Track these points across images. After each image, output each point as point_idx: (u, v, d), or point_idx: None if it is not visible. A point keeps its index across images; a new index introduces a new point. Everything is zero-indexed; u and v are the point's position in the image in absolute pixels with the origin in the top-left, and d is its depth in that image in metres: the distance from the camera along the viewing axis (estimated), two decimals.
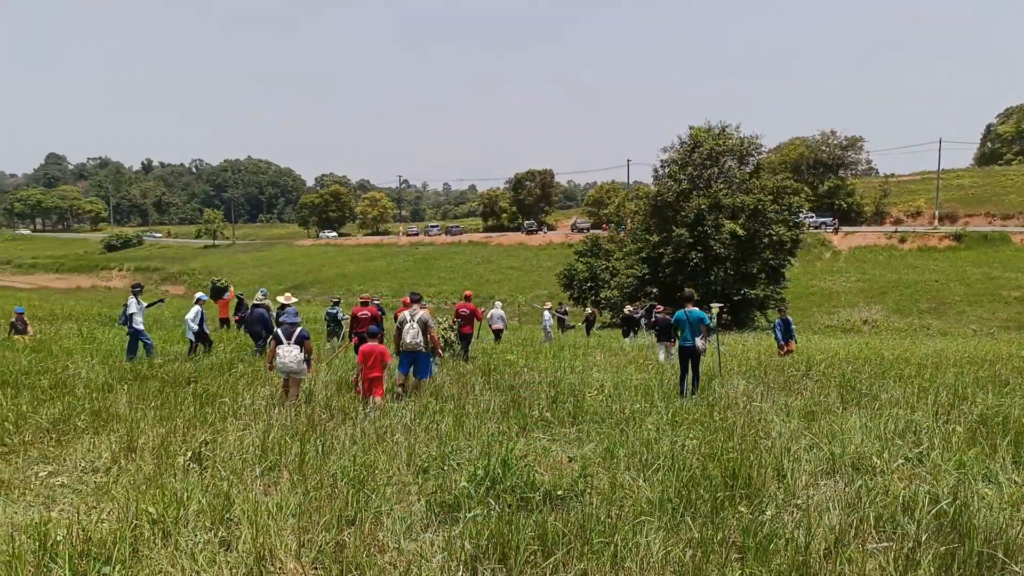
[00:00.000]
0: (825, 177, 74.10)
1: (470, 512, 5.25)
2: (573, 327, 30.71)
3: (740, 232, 35.21)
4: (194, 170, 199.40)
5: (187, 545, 4.57)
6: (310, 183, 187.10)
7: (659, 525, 5.10)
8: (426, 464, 6.67)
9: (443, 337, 15.02)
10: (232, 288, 16.83)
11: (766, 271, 36.98)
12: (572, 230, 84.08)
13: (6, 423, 7.61)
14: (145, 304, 14.41)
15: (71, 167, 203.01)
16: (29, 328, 17.58)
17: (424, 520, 5.33)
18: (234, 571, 4.21)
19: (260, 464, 6.44)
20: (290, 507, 5.23)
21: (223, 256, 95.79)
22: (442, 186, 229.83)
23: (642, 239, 39.67)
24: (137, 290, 14.18)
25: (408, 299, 11.19)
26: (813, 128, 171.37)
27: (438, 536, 5.00)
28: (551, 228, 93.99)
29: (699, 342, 10.97)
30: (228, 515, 5.11)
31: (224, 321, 21.58)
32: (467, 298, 16.58)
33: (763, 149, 40.30)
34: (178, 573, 4.16)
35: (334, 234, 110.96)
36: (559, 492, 5.86)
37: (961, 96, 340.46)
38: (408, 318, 10.40)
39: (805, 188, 43.46)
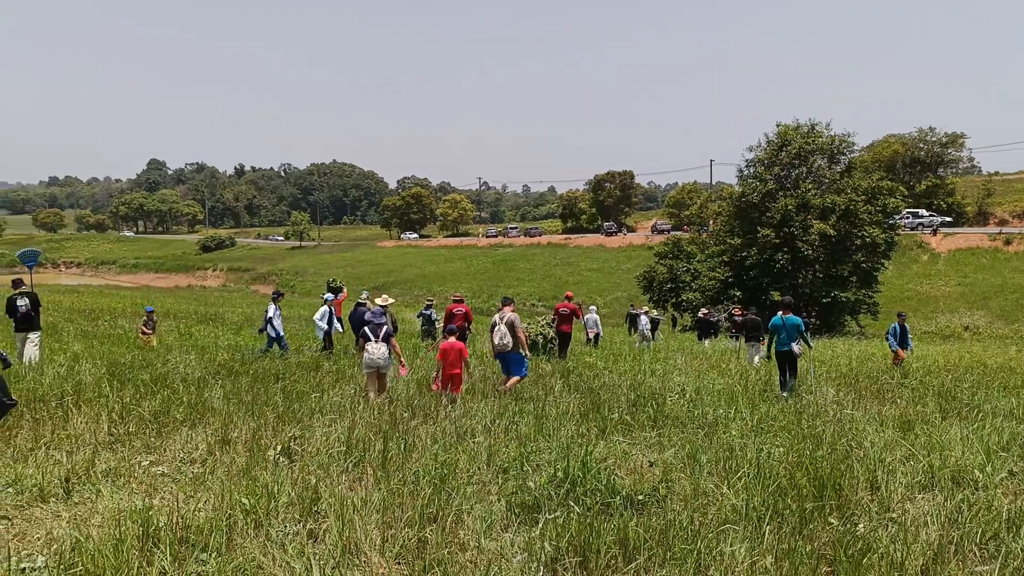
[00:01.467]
0: (923, 176, 70.42)
1: (550, 513, 5.24)
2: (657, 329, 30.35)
3: (830, 233, 33.90)
4: (283, 174, 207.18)
5: (278, 536, 4.73)
6: (392, 186, 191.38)
7: (744, 534, 4.96)
8: (506, 464, 6.70)
9: (542, 334, 15.78)
10: (346, 288, 17.49)
11: (858, 274, 35.46)
12: (652, 232, 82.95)
13: (112, 414, 8.07)
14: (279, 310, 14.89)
15: (170, 172, 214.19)
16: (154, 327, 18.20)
17: (504, 520, 5.35)
18: (322, 563, 4.33)
19: (345, 460, 6.62)
20: (374, 503, 5.35)
21: (309, 257, 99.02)
22: (521, 188, 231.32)
23: (725, 241, 38.76)
24: (277, 297, 14.83)
25: (500, 302, 11.67)
26: (909, 126, 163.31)
27: (518, 536, 5.01)
28: (631, 230, 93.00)
29: (795, 347, 11.54)
30: (316, 508, 5.27)
31: (339, 320, 22.37)
32: (568, 298, 17.01)
33: (855, 147, 38.60)
34: (269, 562, 4.31)
35: (415, 236, 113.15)
36: (640, 496, 5.79)
37: None
38: (498, 320, 10.80)
39: (900, 187, 41.34)
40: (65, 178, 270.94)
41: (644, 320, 23.67)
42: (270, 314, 14.24)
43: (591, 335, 20.69)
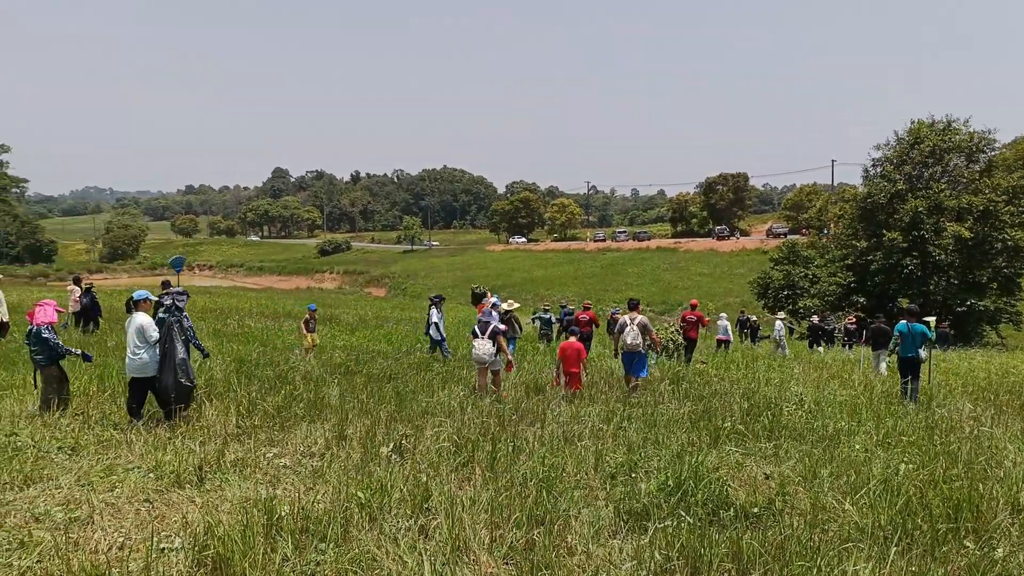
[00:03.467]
0: None
1: (660, 522, 5.13)
2: (768, 337, 29.24)
3: (966, 236, 31.48)
4: (395, 180, 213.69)
5: (390, 530, 4.87)
6: (501, 190, 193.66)
7: (869, 554, 4.67)
8: (614, 470, 6.63)
9: (671, 340, 17.02)
10: (490, 293, 18.07)
11: (998, 280, 32.77)
12: (767, 235, 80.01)
13: (240, 408, 8.58)
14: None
15: (292, 180, 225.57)
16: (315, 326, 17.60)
17: (612, 526, 5.28)
18: (432, 558, 4.42)
19: (454, 459, 6.74)
20: (482, 502, 5.41)
21: (420, 260, 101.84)
22: (630, 191, 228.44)
23: (847, 244, 36.76)
24: (438, 301, 15.47)
25: (628, 305, 12.12)
26: None
27: (626, 543, 4.94)
28: (744, 233, 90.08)
29: (922, 352, 11.53)
30: (426, 505, 5.39)
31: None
32: (693, 306, 17.92)
33: (996, 144, 35.61)
34: (383, 556, 4.44)
35: (524, 240, 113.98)
36: (754, 509, 5.57)
37: None
38: (628, 321, 11.09)
39: None
40: (200, 186, 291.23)
41: (779, 326, 22.33)
42: (434, 319, 14.79)
43: (719, 339, 20.81)
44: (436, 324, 14.67)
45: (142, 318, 7.96)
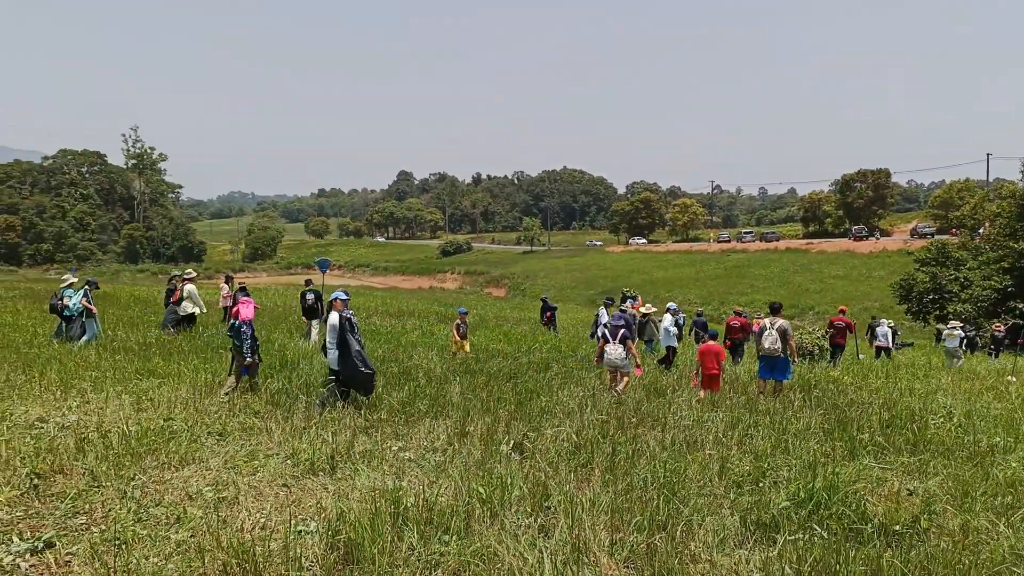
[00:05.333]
0: None
1: (790, 534, 4.89)
2: (911, 344, 27.43)
3: None
4: (516, 181, 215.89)
5: (511, 526, 4.92)
6: (621, 191, 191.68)
7: None
8: (740, 478, 6.38)
9: (818, 345, 17.29)
10: (640, 297, 18.37)
11: None
12: (911, 236, 74.55)
13: (368, 402, 8.94)
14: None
15: (416, 182, 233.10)
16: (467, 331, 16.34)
17: (738, 536, 5.09)
18: (552, 557, 4.42)
19: (573, 460, 6.72)
20: (602, 504, 5.36)
21: (539, 261, 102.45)
22: (757, 190, 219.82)
23: (1005, 245, 33.68)
24: (609, 303, 15.80)
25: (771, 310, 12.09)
26: None
27: (753, 554, 4.74)
28: (884, 233, 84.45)
29: None
30: (546, 504, 5.40)
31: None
32: (842, 312, 18.13)
33: None
34: (504, 551, 4.49)
35: (643, 240, 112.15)
36: (896, 527, 5.21)
37: None
38: (768, 326, 11.13)
39: None
40: (331, 190, 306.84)
41: (959, 334, 19.10)
42: (604, 319, 15.10)
43: (878, 347, 20.04)
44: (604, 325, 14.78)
45: (333, 317, 8.69)
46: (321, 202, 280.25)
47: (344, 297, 9.08)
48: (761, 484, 6.21)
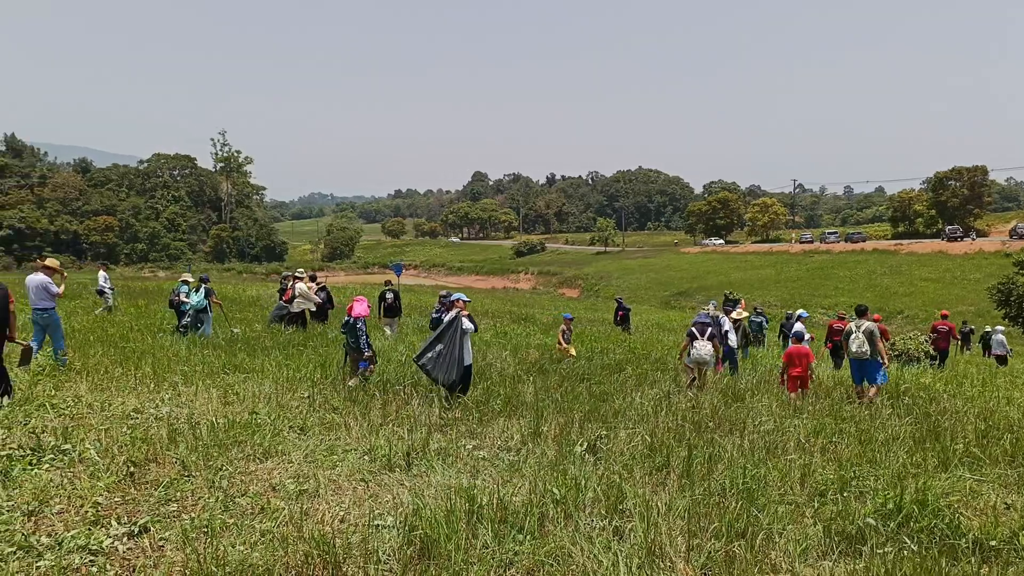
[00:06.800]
0: None
1: (878, 547, 4.69)
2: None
3: None
4: (590, 181, 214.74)
5: (585, 528, 4.89)
6: (698, 191, 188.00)
7: None
8: (823, 487, 6.16)
9: (922, 351, 17.36)
10: (744, 301, 18.38)
11: None
12: (1011, 236, 70.15)
13: (443, 400, 9.06)
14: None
15: (491, 183, 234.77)
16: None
17: (821, 547, 4.92)
18: (627, 560, 4.38)
19: (648, 463, 6.63)
20: (678, 509, 5.27)
21: (613, 262, 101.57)
22: (843, 189, 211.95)
23: None
24: (729, 309, 15.69)
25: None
26: None
27: (838, 567, 4.57)
28: (981, 234, 79.89)
29: None
30: (620, 506, 5.35)
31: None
32: (944, 316, 18.13)
33: None
34: (578, 552, 4.47)
35: (720, 241, 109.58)
36: (992, 542, 4.93)
37: None
38: (854, 328, 11.05)
39: None
40: (407, 191, 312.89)
41: None
42: (725, 327, 14.96)
43: (995, 355, 19.74)
44: (726, 333, 14.38)
45: (466, 322, 9.28)
46: (397, 203, 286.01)
47: (466, 299, 9.69)
48: (846, 494, 5.98)
